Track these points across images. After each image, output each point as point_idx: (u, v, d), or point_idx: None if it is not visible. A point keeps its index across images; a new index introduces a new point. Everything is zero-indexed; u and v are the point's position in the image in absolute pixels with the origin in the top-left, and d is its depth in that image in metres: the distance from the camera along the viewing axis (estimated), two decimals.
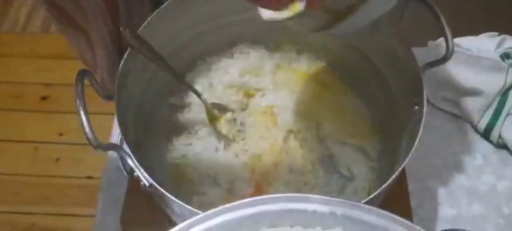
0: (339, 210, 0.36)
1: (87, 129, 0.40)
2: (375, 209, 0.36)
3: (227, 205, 0.36)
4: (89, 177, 1.32)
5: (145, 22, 0.53)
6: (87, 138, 0.40)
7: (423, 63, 0.50)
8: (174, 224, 0.52)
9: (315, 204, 0.36)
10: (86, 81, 0.43)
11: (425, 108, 0.48)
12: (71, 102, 0.50)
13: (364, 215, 0.35)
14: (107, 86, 0.47)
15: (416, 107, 0.49)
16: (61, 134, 1.40)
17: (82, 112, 0.40)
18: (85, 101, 0.41)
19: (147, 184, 0.43)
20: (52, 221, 1.26)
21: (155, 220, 0.54)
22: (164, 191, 0.42)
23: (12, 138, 1.39)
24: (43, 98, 1.48)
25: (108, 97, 0.48)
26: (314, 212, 0.36)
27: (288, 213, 0.36)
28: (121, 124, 0.45)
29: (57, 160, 1.36)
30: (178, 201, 0.41)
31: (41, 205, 1.28)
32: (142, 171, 0.43)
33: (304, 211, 0.36)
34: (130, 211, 0.55)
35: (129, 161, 0.43)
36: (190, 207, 0.41)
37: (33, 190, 1.31)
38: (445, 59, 0.48)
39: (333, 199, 0.36)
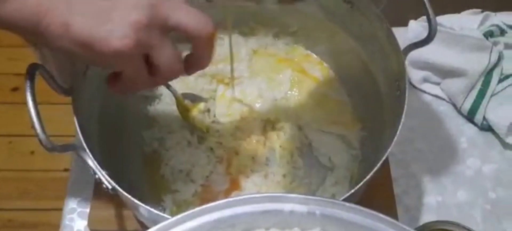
0: (317, 209, 0.34)
1: (39, 130, 0.36)
2: (357, 207, 0.34)
3: (197, 209, 0.34)
4: (66, 170, 1.28)
5: None
6: (39, 140, 0.36)
7: (405, 45, 0.48)
8: (142, 225, 0.50)
9: (292, 204, 0.34)
10: None
11: (407, 93, 0.45)
12: (43, 92, 0.46)
13: (344, 214, 0.34)
14: (61, 83, 0.43)
15: (398, 92, 0.47)
16: None
17: (33, 112, 0.36)
18: (36, 99, 0.37)
19: (109, 186, 0.39)
20: (31, 216, 1.23)
21: (123, 221, 0.52)
22: (127, 195, 0.38)
23: None
24: (14, 89, 1.42)
25: (67, 92, 0.44)
26: (291, 212, 0.34)
27: (263, 214, 0.34)
28: (80, 123, 0.41)
29: (32, 153, 1.32)
30: (144, 205, 0.38)
31: (19, 200, 1.25)
32: (103, 173, 0.39)
33: (281, 212, 0.34)
34: (97, 211, 0.52)
35: (90, 162, 0.40)
36: (156, 212, 0.38)
37: (10, 184, 1.27)
38: (428, 40, 0.46)
39: (311, 197, 0.34)
